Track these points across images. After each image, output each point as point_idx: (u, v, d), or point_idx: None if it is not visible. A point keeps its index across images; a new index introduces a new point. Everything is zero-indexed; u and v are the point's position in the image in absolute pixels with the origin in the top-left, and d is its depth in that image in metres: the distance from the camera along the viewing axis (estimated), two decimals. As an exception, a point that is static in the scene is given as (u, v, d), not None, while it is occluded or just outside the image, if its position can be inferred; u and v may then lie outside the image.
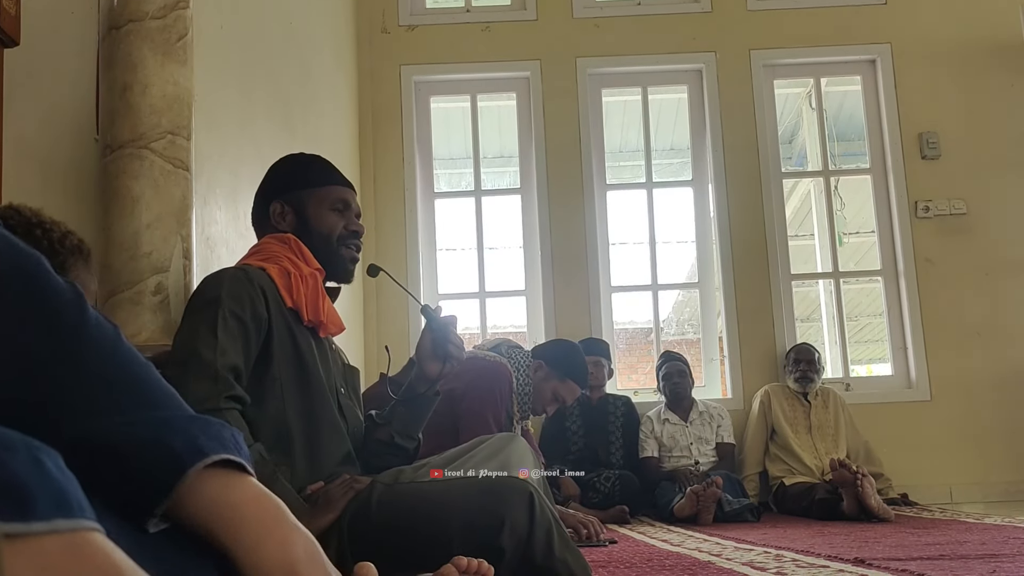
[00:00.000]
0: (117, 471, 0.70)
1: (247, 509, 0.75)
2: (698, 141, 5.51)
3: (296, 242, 1.92)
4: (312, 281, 1.87)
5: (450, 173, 7.46)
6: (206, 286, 1.77)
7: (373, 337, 5.00)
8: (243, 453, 0.77)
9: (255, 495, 0.76)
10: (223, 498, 0.74)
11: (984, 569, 1.94)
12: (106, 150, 1.97)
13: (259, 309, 1.75)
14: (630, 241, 7.61)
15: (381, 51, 5.39)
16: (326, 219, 1.96)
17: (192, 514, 0.73)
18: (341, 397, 1.91)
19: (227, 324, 1.68)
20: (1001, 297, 5.17)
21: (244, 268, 1.81)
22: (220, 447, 0.74)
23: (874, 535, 3.01)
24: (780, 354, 5.07)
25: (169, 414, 0.76)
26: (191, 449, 0.72)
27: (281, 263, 1.86)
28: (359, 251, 2.03)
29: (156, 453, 0.71)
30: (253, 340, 1.73)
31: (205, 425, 0.75)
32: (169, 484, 0.71)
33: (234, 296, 1.72)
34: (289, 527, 0.77)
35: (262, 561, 0.74)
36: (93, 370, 0.73)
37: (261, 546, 0.74)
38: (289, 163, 2.06)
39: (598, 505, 4.07)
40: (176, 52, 2.04)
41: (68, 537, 0.51)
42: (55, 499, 0.51)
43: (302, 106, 3.74)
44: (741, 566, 2.16)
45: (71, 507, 0.52)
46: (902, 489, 4.61)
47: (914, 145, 5.32)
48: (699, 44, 5.42)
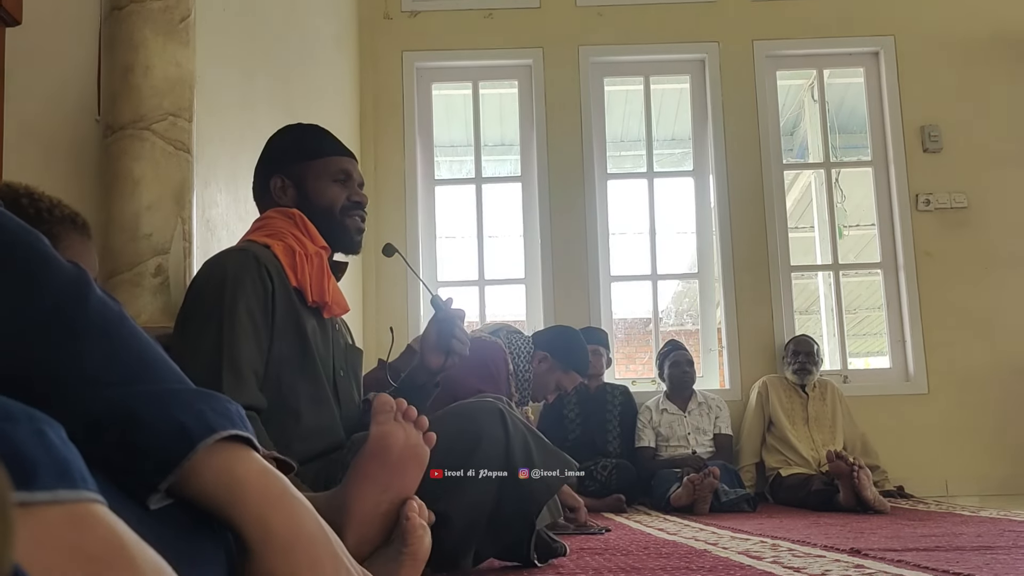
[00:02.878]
0: (124, 443, 0.70)
1: (254, 483, 0.75)
2: (699, 131, 5.50)
3: (301, 218, 1.88)
4: (318, 260, 1.83)
5: (451, 160, 7.45)
6: (210, 276, 1.72)
7: (372, 320, 5.00)
8: (248, 428, 0.77)
9: (261, 469, 0.77)
10: (230, 472, 0.74)
11: (979, 561, 1.95)
12: (107, 131, 1.97)
13: (264, 296, 1.71)
14: (630, 231, 7.60)
15: (383, 37, 5.37)
16: (328, 192, 1.93)
17: (198, 489, 0.73)
18: (339, 379, 1.88)
19: (237, 323, 1.65)
20: (1000, 291, 5.17)
21: (247, 249, 1.77)
22: (228, 422, 0.75)
23: (870, 526, 3.02)
24: (778, 346, 5.07)
25: (177, 387, 0.76)
26: (200, 424, 0.72)
27: (286, 240, 1.82)
28: (364, 220, 1.98)
29: (165, 427, 0.71)
30: (263, 332, 1.70)
31: (212, 400, 0.75)
32: (177, 458, 0.71)
33: (241, 288, 1.68)
34: (295, 500, 0.78)
35: (269, 533, 0.75)
36: (98, 344, 0.73)
37: (268, 518, 0.75)
38: (287, 135, 2.03)
39: (595, 494, 4.07)
40: (178, 33, 2.03)
41: (70, 508, 0.51)
42: (58, 470, 0.51)
43: (303, 90, 3.73)
44: (737, 555, 2.17)
45: (74, 478, 0.52)
46: (898, 481, 4.63)
47: (916, 138, 5.31)
48: (702, 34, 5.41)
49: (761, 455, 4.72)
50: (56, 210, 1.41)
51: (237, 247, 1.81)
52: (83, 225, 1.46)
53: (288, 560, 0.75)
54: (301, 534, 0.76)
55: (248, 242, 1.84)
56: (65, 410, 0.67)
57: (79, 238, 1.44)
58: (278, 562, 0.75)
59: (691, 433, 4.63)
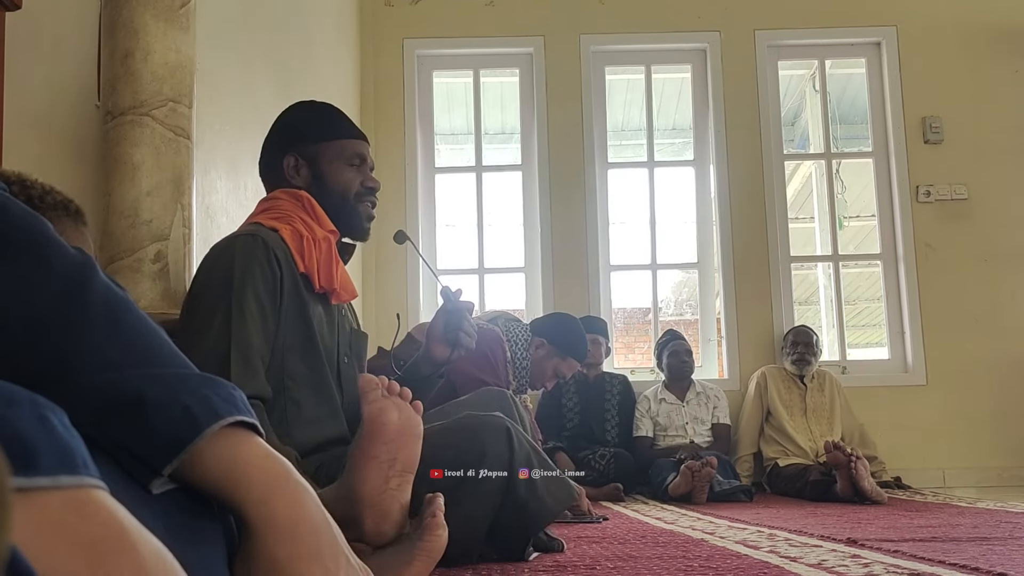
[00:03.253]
0: (130, 427, 0.70)
1: (257, 467, 0.76)
2: (700, 121, 5.49)
3: (310, 201, 1.84)
4: (326, 245, 1.80)
5: (451, 148, 7.44)
6: (219, 261, 1.69)
7: (372, 305, 5.00)
8: (253, 415, 0.77)
9: (265, 454, 0.77)
10: (233, 457, 0.74)
11: (975, 552, 1.95)
12: (107, 117, 1.96)
13: (272, 282, 1.69)
14: (630, 220, 7.59)
15: (384, 24, 5.36)
16: (343, 175, 1.89)
17: (201, 473, 0.73)
18: (342, 366, 1.86)
19: (246, 310, 1.64)
20: (1000, 283, 5.17)
21: (256, 234, 1.73)
22: (234, 408, 0.75)
23: (867, 517, 3.03)
24: (777, 336, 5.08)
25: (182, 371, 0.76)
26: (206, 409, 0.73)
27: (294, 223, 1.79)
28: (375, 207, 1.95)
29: (172, 411, 0.71)
30: (271, 320, 1.69)
31: (217, 386, 0.76)
32: (183, 443, 0.71)
33: (250, 275, 1.66)
34: (298, 485, 0.78)
35: (271, 516, 0.75)
36: (104, 329, 0.73)
37: (270, 501, 0.75)
38: (301, 112, 1.98)
39: (593, 482, 4.08)
40: (178, 19, 2.02)
41: (72, 493, 0.51)
42: (59, 456, 0.51)
43: (303, 77, 3.72)
44: (734, 544, 2.17)
45: (75, 464, 0.52)
46: (896, 472, 4.64)
47: (917, 129, 5.30)
48: (704, 23, 5.40)
49: (759, 445, 4.73)
50: (48, 197, 1.39)
51: (246, 231, 1.77)
52: (76, 212, 1.44)
53: (289, 545, 0.76)
54: (303, 519, 0.77)
55: (256, 225, 1.80)
56: (72, 394, 0.67)
57: (73, 225, 1.42)
58: (279, 546, 0.75)
59: (689, 423, 4.64)
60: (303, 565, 0.76)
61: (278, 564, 0.75)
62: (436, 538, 1.28)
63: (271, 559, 0.75)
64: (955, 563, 1.73)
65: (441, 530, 1.28)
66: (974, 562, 1.75)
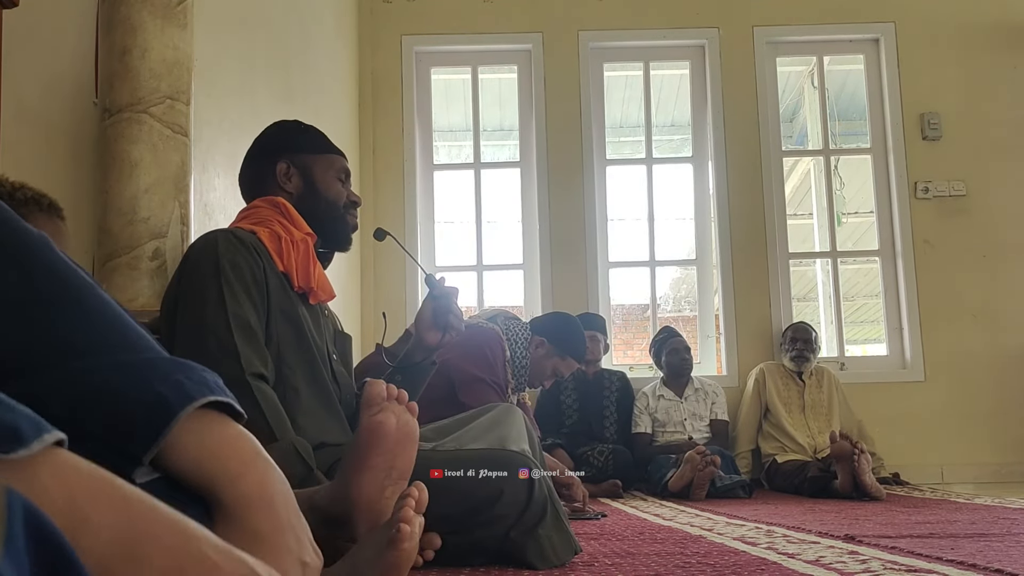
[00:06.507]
0: (103, 419, 0.70)
1: (227, 446, 0.76)
2: (699, 117, 5.49)
3: (286, 206, 1.88)
4: (303, 246, 1.84)
5: (449, 145, 7.44)
6: (203, 251, 1.71)
7: (370, 306, 5.01)
8: (228, 394, 0.77)
9: (235, 433, 0.77)
10: (204, 438, 0.74)
11: (973, 548, 1.96)
12: (105, 114, 1.96)
13: (257, 272, 1.72)
14: (629, 217, 7.61)
15: (382, 20, 5.35)
16: (333, 186, 1.97)
17: (178, 458, 0.73)
18: (334, 363, 1.89)
19: (237, 283, 1.67)
20: (998, 280, 5.17)
21: (234, 231, 1.77)
22: (206, 389, 0.75)
23: (865, 513, 3.04)
24: (776, 332, 5.08)
25: (152, 356, 0.75)
26: (178, 393, 0.72)
27: (272, 227, 1.82)
28: (356, 220, 2.04)
29: (144, 398, 0.71)
30: (259, 302, 1.71)
31: (188, 369, 0.75)
32: (159, 429, 0.71)
33: (236, 258, 1.69)
34: (267, 463, 0.79)
35: (241, 493, 0.75)
36: (68, 313, 0.72)
37: (241, 479, 0.75)
38: (292, 126, 2.03)
39: (591, 479, 4.08)
40: (176, 16, 2.02)
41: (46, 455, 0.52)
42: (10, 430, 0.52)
43: (302, 74, 3.72)
44: (732, 541, 2.18)
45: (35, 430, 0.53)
46: (894, 468, 4.64)
47: (915, 125, 5.30)
48: (702, 20, 5.39)
49: (757, 442, 4.73)
50: (19, 193, 1.38)
51: (223, 230, 1.79)
52: (50, 206, 1.43)
53: (271, 517, 0.76)
54: (278, 492, 0.77)
55: (234, 228, 1.83)
56: (42, 387, 0.67)
57: (47, 219, 1.41)
58: (262, 519, 0.76)
59: (687, 419, 4.65)
60: (286, 536, 0.77)
61: (261, 536, 0.75)
62: (403, 552, 1.16)
63: (254, 532, 0.75)
64: (952, 559, 1.74)
65: (409, 545, 1.17)
66: (971, 558, 1.75)
